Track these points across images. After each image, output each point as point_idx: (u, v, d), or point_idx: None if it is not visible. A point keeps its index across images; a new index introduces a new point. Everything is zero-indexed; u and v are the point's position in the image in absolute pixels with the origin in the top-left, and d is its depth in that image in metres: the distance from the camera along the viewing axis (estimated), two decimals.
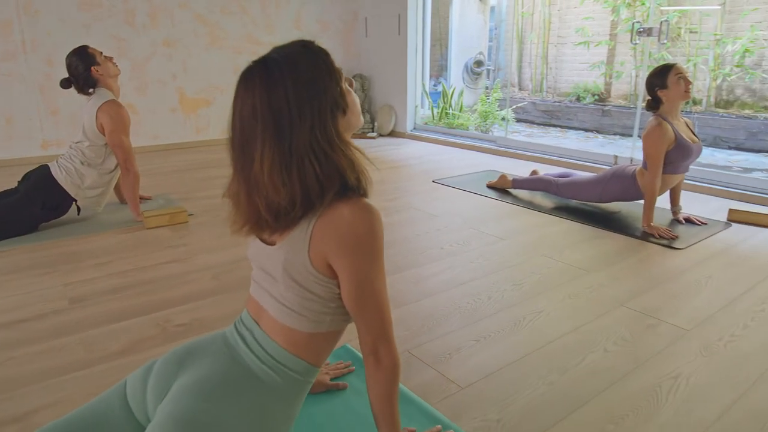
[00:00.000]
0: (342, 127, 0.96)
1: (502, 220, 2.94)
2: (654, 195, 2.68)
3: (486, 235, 2.70)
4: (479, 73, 8.26)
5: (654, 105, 2.70)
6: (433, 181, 3.81)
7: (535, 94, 8.39)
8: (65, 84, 2.66)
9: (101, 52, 2.68)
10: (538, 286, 2.11)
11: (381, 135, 5.89)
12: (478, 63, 8.17)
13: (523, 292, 2.06)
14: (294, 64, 0.91)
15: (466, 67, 8.15)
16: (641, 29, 3.92)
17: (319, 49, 0.96)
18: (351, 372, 1.49)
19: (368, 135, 5.75)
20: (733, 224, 2.83)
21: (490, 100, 6.28)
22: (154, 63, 4.85)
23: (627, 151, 4.21)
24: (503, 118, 5.76)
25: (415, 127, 5.87)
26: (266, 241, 1.01)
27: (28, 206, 2.63)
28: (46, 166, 2.73)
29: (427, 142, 5.50)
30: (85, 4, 4.41)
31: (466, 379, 1.49)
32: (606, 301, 1.97)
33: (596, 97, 7.48)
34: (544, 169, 3.88)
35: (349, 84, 1.02)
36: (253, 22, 5.28)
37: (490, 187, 3.57)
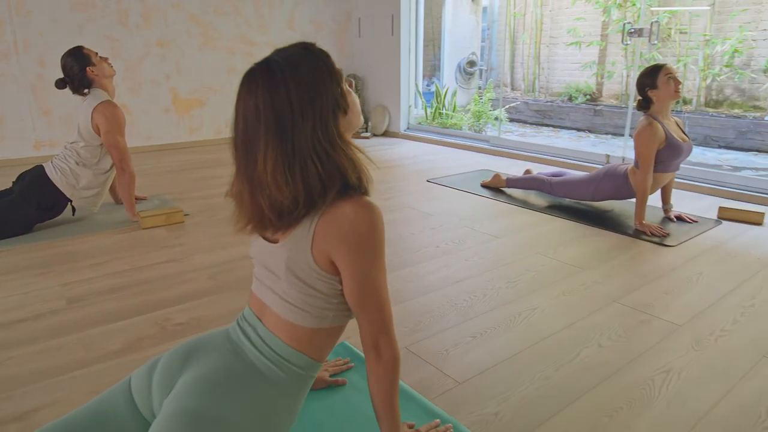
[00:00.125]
0: (343, 127, 0.98)
1: (497, 218, 2.96)
2: (646, 193, 2.72)
3: (481, 233, 2.72)
4: (472, 73, 8.31)
5: (644, 105, 2.74)
6: (428, 181, 3.83)
7: (528, 94, 8.44)
8: (60, 84, 2.66)
9: (96, 53, 2.68)
10: (533, 283, 2.14)
11: (375, 135, 5.91)
12: (471, 63, 8.21)
13: (518, 289, 2.09)
14: (295, 66, 0.93)
15: (459, 67, 8.19)
16: (632, 30, 3.97)
17: (319, 51, 0.98)
18: (350, 368, 1.51)
19: (362, 135, 5.76)
20: (723, 222, 2.88)
21: (483, 100, 6.31)
22: (147, 63, 4.84)
23: (619, 151, 4.26)
24: (496, 118, 5.79)
25: (408, 127, 5.89)
26: (269, 240, 1.03)
27: (23, 207, 2.63)
28: (41, 167, 2.73)
29: (420, 142, 5.53)
30: (78, 4, 4.40)
31: (463, 375, 1.52)
32: (599, 298, 2.01)
33: (588, 97, 7.54)
34: (538, 169, 3.92)
35: (349, 85, 1.04)
36: (246, 23, 5.28)
37: (484, 186, 3.59)
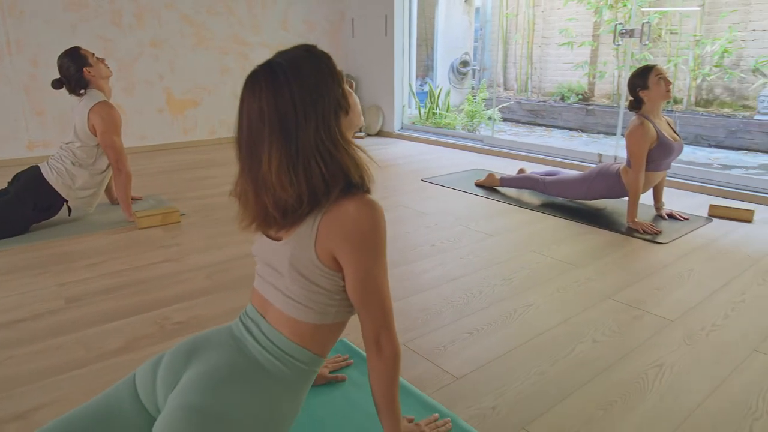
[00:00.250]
0: (344, 127, 1.00)
1: (491, 217, 2.99)
2: (638, 192, 2.75)
3: (475, 232, 2.75)
4: (465, 74, 8.35)
5: (636, 105, 2.78)
6: (422, 180, 3.86)
7: (521, 94, 8.49)
8: (57, 85, 2.66)
9: (93, 54, 2.68)
10: (528, 281, 2.17)
11: (369, 135, 5.93)
12: (464, 63, 8.26)
13: (513, 286, 2.11)
14: (298, 68, 0.95)
15: (452, 67, 8.23)
16: (623, 30, 4.01)
17: (321, 53, 1.00)
18: (349, 365, 1.53)
19: (356, 135, 5.78)
20: (714, 219, 2.92)
21: (476, 99, 6.35)
22: (140, 63, 4.83)
23: (611, 150, 4.30)
24: (490, 118, 5.83)
25: (402, 127, 5.91)
26: (272, 238, 1.05)
27: (19, 207, 2.62)
28: (37, 167, 2.73)
29: (414, 142, 5.55)
30: (71, 4, 4.38)
31: (460, 370, 1.54)
32: (593, 295, 2.04)
33: (580, 97, 7.60)
34: (531, 168, 3.95)
35: (350, 86, 1.07)
36: (239, 23, 5.28)
37: (479, 185, 3.62)
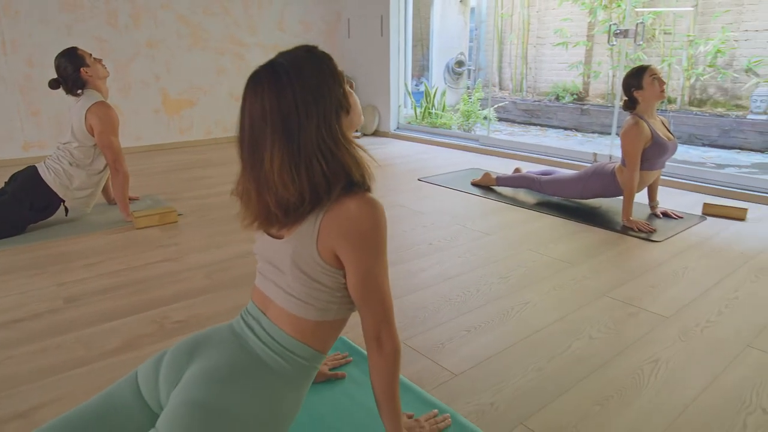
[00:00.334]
0: (345, 126, 1.02)
1: (488, 216, 3.01)
2: (632, 191, 2.78)
3: (472, 231, 2.77)
4: (460, 73, 8.37)
5: (631, 105, 2.80)
6: (419, 180, 3.87)
7: (516, 94, 8.53)
8: (54, 85, 2.66)
9: (90, 54, 2.69)
10: (524, 279, 2.19)
11: (365, 135, 5.94)
12: (459, 63, 8.28)
13: (510, 284, 2.13)
14: (300, 68, 0.96)
15: (448, 67, 8.25)
16: (618, 31, 4.04)
17: (322, 53, 1.01)
18: (348, 362, 1.55)
19: (352, 135, 5.79)
20: (708, 217, 2.95)
21: (472, 99, 6.37)
22: (137, 64, 4.83)
23: (605, 149, 4.32)
24: (485, 118, 5.86)
25: (398, 127, 5.93)
26: (274, 236, 1.06)
27: (17, 207, 2.62)
28: (34, 167, 2.73)
29: (410, 141, 5.57)
30: (67, 4, 4.38)
31: (458, 367, 1.56)
32: (589, 292, 2.06)
33: (575, 97, 7.64)
34: (527, 167, 3.98)
35: (350, 86, 1.08)
36: (235, 23, 5.28)
37: (475, 184, 3.64)
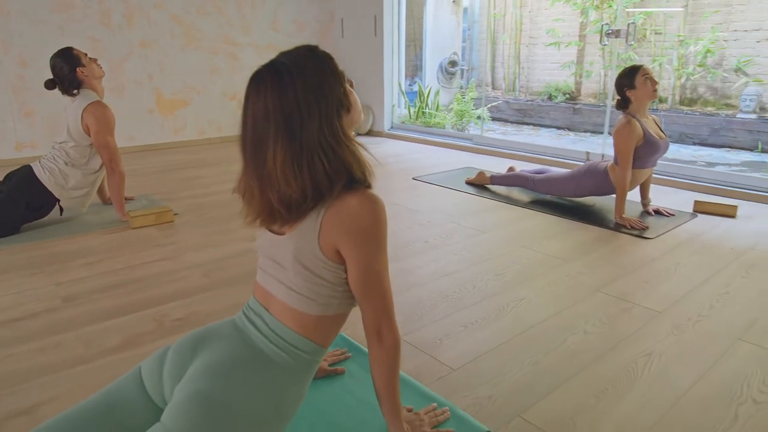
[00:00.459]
0: (346, 124, 1.04)
1: (482, 214, 3.04)
2: (625, 189, 2.82)
3: (467, 228, 2.80)
4: (453, 73, 8.41)
5: (623, 104, 2.84)
6: (413, 179, 3.90)
7: (508, 93, 8.57)
8: (50, 85, 2.65)
9: (86, 54, 2.69)
10: (519, 275, 2.22)
11: (359, 134, 5.96)
12: (452, 63, 8.32)
13: (506, 281, 2.16)
14: (302, 68, 0.98)
15: (441, 67, 8.28)
16: (610, 31, 4.09)
17: (323, 53, 1.03)
18: (348, 358, 1.56)
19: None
20: (699, 215, 3.00)
21: (465, 99, 6.40)
22: (130, 64, 4.82)
23: (598, 148, 4.37)
24: (479, 117, 5.89)
25: (392, 126, 5.95)
26: (276, 232, 1.08)
27: (12, 207, 2.62)
28: (29, 167, 2.72)
29: (405, 141, 5.59)
30: (59, 4, 4.36)
31: (456, 362, 1.58)
32: (583, 288, 2.09)
33: (567, 96, 7.69)
34: (520, 166, 4.01)
35: (350, 85, 1.10)
36: (228, 23, 5.28)
37: (469, 183, 3.67)
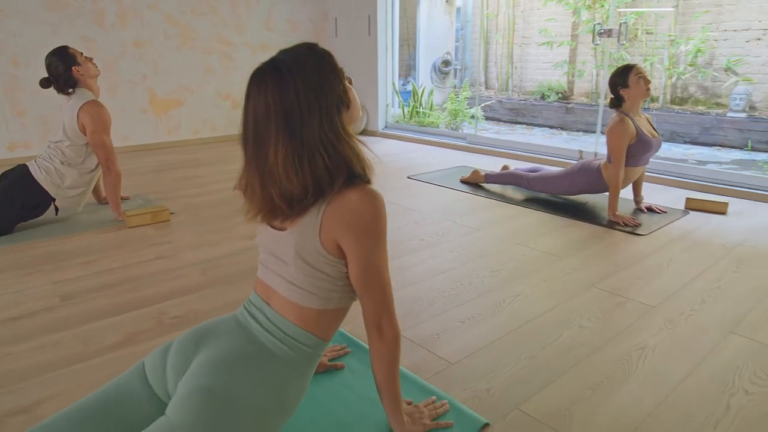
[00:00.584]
0: (346, 120, 1.06)
1: (477, 212, 3.07)
2: (618, 186, 2.85)
3: (462, 226, 2.82)
4: (447, 73, 8.43)
5: (617, 103, 2.87)
6: (408, 177, 3.92)
7: (502, 93, 8.62)
8: (45, 84, 2.65)
9: (81, 53, 2.68)
10: (515, 272, 2.24)
11: None
12: (446, 63, 8.34)
13: (501, 278, 2.18)
14: (301, 65, 1.00)
15: (434, 66, 8.31)
16: (602, 30, 4.12)
17: (323, 50, 1.05)
18: (347, 354, 1.58)
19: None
20: (690, 212, 3.04)
21: (459, 98, 6.43)
22: (124, 64, 4.81)
23: (591, 147, 4.41)
24: (472, 116, 5.92)
25: (386, 126, 5.97)
26: (277, 228, 1.09)
27: (7, 206, 2.61)
28: (25, 166, 2.72)
29: (399, 140, 5.61)
30: (53, 4, 4.34)
31: (454, 356, 1.60)
32: (578, 284, 2.12)
33: (560, 95, 7.75)
34: (514, 165, 4.04)
35: (349, 82, 1.12)
36: (223, 23, 5.28)
37: (464, 182, 3.69)
